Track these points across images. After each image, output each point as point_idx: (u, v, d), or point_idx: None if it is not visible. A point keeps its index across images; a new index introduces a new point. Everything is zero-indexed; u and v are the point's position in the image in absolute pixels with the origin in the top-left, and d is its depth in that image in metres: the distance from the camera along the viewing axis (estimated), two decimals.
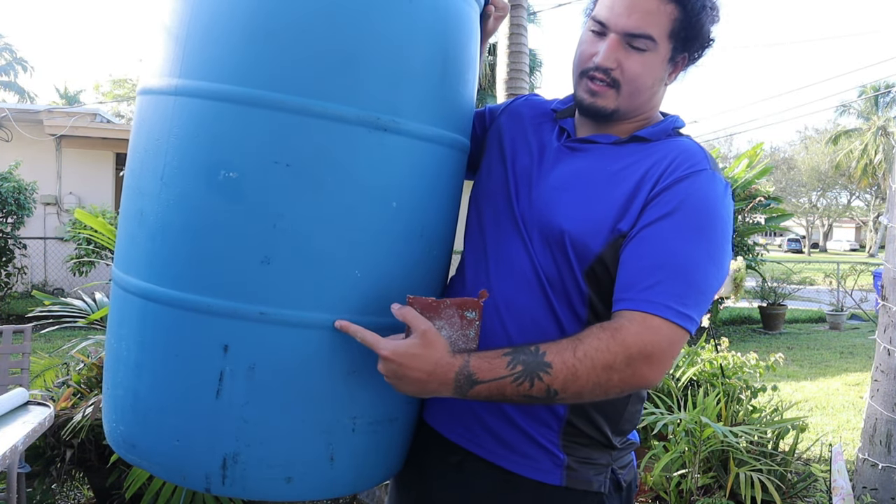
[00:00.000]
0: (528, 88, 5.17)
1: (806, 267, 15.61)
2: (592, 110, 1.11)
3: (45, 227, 10.12)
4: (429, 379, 0.96)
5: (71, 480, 2.85)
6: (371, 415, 1.09)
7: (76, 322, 3.11)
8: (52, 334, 5.92)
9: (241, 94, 0.99)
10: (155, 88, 1.07)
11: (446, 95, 1.11)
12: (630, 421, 1.15)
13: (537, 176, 1.14)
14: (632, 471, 1.18)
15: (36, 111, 10.73)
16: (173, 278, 1.02)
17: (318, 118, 0.99)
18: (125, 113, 33.85)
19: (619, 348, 0.96)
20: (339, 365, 1.04)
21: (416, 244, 1.09)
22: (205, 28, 1.02)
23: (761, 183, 8.52)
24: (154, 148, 1.05)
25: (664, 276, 0.99)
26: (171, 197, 1.02)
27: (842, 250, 44.63)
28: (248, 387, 1.01)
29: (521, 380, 0.96)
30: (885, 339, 3.08)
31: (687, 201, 1.02)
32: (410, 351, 0.96)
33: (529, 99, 1.31)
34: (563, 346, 0.97)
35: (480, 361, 0.97)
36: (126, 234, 1.11)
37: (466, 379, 0.96)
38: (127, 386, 1.09)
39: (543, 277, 1.08)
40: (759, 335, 9.58)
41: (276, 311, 1.00)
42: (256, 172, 0.99)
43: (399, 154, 1.05)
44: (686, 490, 2.91)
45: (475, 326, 1.01)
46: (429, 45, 1.06)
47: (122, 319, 1.10)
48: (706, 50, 1.14)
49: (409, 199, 1.07)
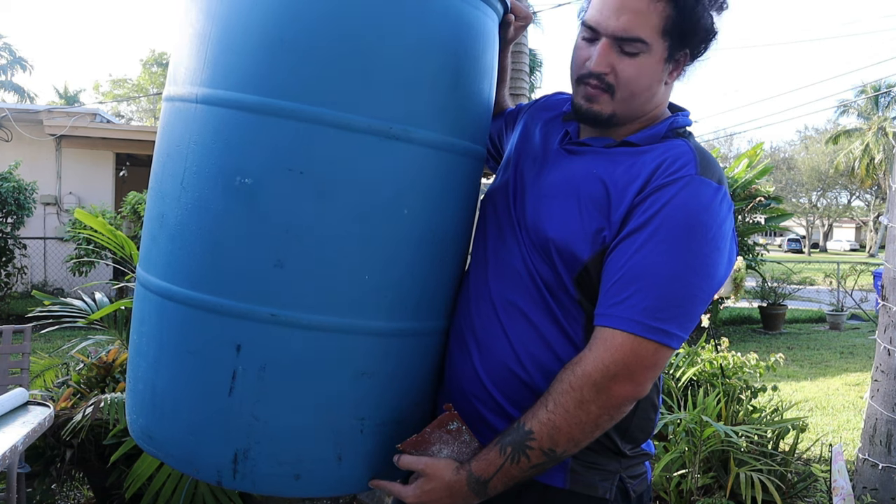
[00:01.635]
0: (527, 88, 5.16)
1: (806, 267, 15.60)
2: (589, 116, 1.10)
3: (44, 227, 10.13)
4: (454, 499, 1.03)
5: (71, 480, 2.85)
6: (379, 416, 1.11)
7: (76, 322, 3.11)
8: (51, 334, 5.92)
9: (257, 103, 1.02)
10: (177, 96, 1.12)
11: (459, 104, 1.12)
12: (642, 429, 1.13)
13: (533, 181, 1.15)
14: (644, 482, 1.15)
15: (36, 111, 10.73)
16: (190, 279, 1.06)
17: (330, 127, 1.02)
18: (125, 113, 33.87)
19: (580, 382, 0.98)
20: (347, 367, 1.07)
21: (427, 250, 1.11)
22: (225, 38, 1.06)
23: (761, 183, 8.53)
24: (176, 153, 1.09)
25: (635, 291, 0.98)
26: (189, 201, 1.06)
27: (842, 250, 44.63)
28: (259, 386, 1.04)
29: (517, 458, 1.00)
30: (885, 339, 3.08)
31: (664, 211, 0.99)
32: (425, 488, 1.04)
33: (550, 99, 1.31)
34: (536, 408, 1.01)
35: (479, 463, 1.03)
36: (148, 235, 1.16)
37: (477, 484, 1.02)
38: (146, 380, 1.13)
39: (539, 280, 1.08)
40: (759, 335, 9.58)
41: (287, 313, 1.03)
42: (271, 179, 1.02)
43: (410, 162, 1.07)
44: (686, 490, 2.91)
45: (464, 431, 1.07)
46: (441, 54, 1.08)
47: (144, 316, 1.15)
48: (709, 43, 1.10)
49: (420, 206, 1.08)
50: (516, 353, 1.09)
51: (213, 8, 1.08)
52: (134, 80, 34.95)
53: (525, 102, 1.40)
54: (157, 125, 1.23)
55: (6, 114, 10.02)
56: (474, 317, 1.14)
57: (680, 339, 0.99)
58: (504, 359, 1.09)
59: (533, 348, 1.08)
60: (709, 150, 1.11)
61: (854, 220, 45.29)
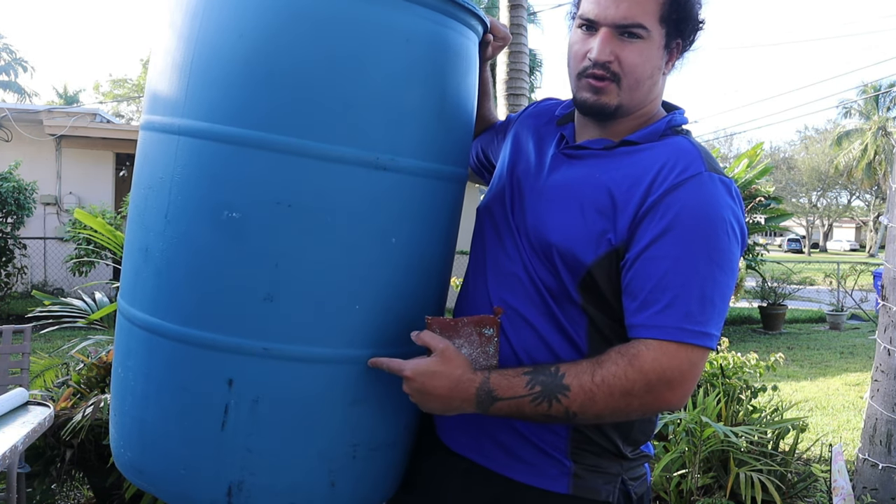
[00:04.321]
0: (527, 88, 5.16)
1: (806, 267, 15.59)
2: (596, 108, 1.08)
3: (44, 227, 10.12)
4: (451, 395, 1.00)
5: (71, 480, 2.85)
6: (371, 441, 1.12)
7: (76, 322, 3.11)
8: (52, 334, 5.91)
9: (242, 136, 1.01)
10: (158, 125, 1.10)
11: (443, 130, 1.12)
12: (643, 432, 1.13)
13: (531, 187, 1.14)
14: (644, 484, 1.15)
15: (36, 111, 10.73)
16: (178, 314, 1.05)
17: (318, 160, 1.01)
18: (125, 113, 33.83)
19: (636, 375, 0.96)
20: (341, 396, 1.08)
21: (415, 276, 1.12)
22: (207, 68, 1.04)
23: (761, 183, 8.53)
24: (158, 185, 1.07)
25: (673, 297, 0.97)
26: (175, 235, 1.05)
27: (842, 250, 44.59)
28: (252, 419, 1.05)
29: (540, 400, 0.98)
30: (885, 339, 3.08)
31: (683, 213, 0.99)
32: (431, 368, 1.00)
33: (539, 105, 1.30)
34: (582, 370, 0.98)
35: (500, 379, 1.00)
36: (131, 268, 1.14)
37: (487, 395, 0.99)
38: (134, 415, 1.12)
39: (542, 286, 1.07)
40: (759, 335, 9.58)
41: (279, 346, 1.04)
42: (258, 213, 1.01)
43: (397, 191, 1.07)
44: (686, 490, 2.91)
45: (494, 343, 1.04)
46: (427, 83, 1.08)
47: (129, 350, 1.14)
48: (698, 33, 1.11)
49: (407, 233, 1.09)
50: (519, 359, 1.08)
51: (194, 35, 1.05)
52: (134, 80, 34.90)
53: (525, 103, 1.40)
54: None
55: (6, 114, 10.01)
56: None
57: (717, 339, 1.00)
58: (506, 365, 1.07)
59: (536, 354, 1.07)
60: (708, 150, 1.10)
61: (854, 220, 45.28)
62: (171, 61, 1.08)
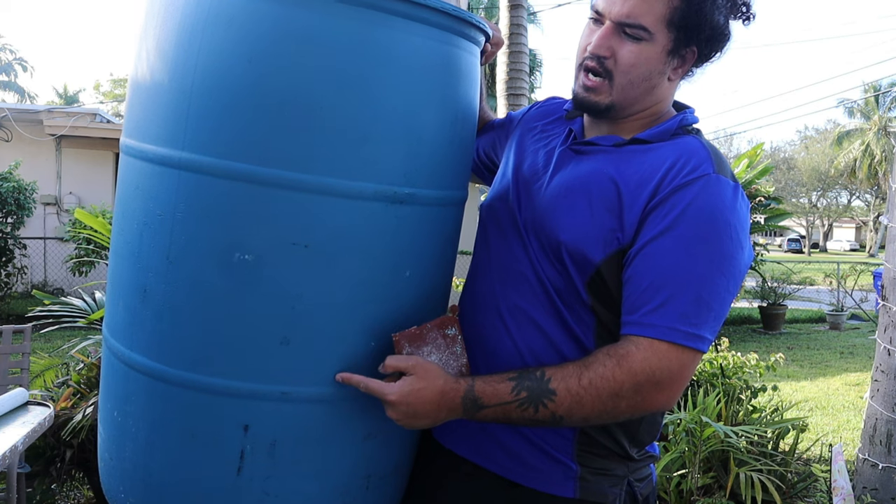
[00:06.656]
0: (527, 88, 5.15)
1: (806, 267, 15.58)
2: (586, 105, 1.08)
3: (44, 227, 10.11)
4: (438, 408, 0.99)
5: (71, 480, 2.85)
6: (383, 470, 1.12)
7: (76, 322, 3.10)
8: (52, 334, 5.91)
9: (254, 173, 0.94)
10: (151, 155, 1.01)
11: (455, 154, 1.10)
12: (649, 432, 1.12)
13: (539, 184, 1.12)
14: (650, 485, 1.14)
15: (36, 111, 10.72)
16: (186, 359, 1.00)
17: (337, 197, 0.96)
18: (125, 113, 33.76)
19: (625, 376, 0.95)
20: (355, 432, 1.07)
21: (426, 305, 1.10)
22: (211, 99, 0.95)
23: (761, 183, 8.52)
24: (158, 223, 0.99)
25: (668, 297, 0.96)
26: (180, 278, 0.98)
27: (842, 250, 44.56)
28: (269, 463, 1.02)
29: (526, 405, 0.97)
30: (886, 339, 3.08)
31: (688, 212, 0.97)
32: (415, 386, 0.98)
33: (545, 105, 1.29)
34: (568, 373, 0.97)
35: (485, 386, 0.99)
36: (125, 307, 1.06)
37: (472, 403, 0.99)
38: (136, 462, 1.07)
39: (549, 285, 1.06)
40: (759, 335, 9.57)
41: (297, 389, 1.01)
42: (274, 254, 0.96)
43: (413, 223, 1.04)
44: (686, 490, 2.91)
45: (459, 341, 1.04)
46: (440, 108, 1.05)
47: (127, 395, 1.07)
48: (720, 45, 1.07)
49: (420, 264, 1.07)
50: (523, 359, 1.07)
51: (193, 61, 0.96)
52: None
53: (525, 103, 1.40)
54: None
55: (6, 114, 10.01)
56: (479, 326, 1.12)
57: (710, 342, 0.98)
58: (511, 364, 1.07)
59: (541, 353, 1.06)
60: (719, 150, 1.09)
61: (854, 220, 45.27)
62: (162, 85, 0.99)
